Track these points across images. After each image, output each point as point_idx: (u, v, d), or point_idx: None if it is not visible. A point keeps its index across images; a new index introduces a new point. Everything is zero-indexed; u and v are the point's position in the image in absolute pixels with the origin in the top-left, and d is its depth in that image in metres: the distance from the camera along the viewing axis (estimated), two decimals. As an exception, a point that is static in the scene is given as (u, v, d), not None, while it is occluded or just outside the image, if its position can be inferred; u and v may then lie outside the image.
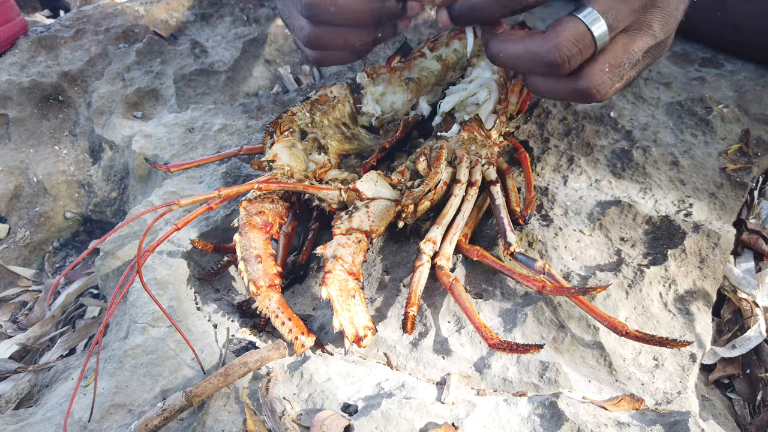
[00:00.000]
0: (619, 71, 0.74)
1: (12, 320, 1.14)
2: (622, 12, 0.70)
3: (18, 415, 0.80)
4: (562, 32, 0.70)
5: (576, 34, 0.69)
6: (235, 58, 1.39)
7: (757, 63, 1.22)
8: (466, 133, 0.89)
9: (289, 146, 0.90)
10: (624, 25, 0.72)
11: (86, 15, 1.51)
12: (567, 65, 0.71)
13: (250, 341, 0.82)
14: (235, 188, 0.79)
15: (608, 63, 0.73)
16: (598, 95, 0.75)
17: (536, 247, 0.87)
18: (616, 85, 0.75)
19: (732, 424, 0.79)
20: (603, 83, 0.74)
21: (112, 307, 0.71)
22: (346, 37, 0.82)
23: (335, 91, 1.01)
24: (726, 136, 1.04)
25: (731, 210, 0.93)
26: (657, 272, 0.81)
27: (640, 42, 0.73)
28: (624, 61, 0.73)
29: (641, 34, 0.73)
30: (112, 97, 1.32)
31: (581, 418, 0.66)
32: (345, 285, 0.75)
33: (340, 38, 0.82)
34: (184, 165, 1.01)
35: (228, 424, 0.69)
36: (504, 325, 0.79)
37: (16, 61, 1.38)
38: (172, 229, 0.76)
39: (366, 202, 0.81)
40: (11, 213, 1.26)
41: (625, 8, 0.70)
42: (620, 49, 0.73)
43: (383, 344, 0.80)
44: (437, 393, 0.73)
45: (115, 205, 1.28)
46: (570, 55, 0.70)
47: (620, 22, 0.70)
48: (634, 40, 0.73)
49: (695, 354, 0.75)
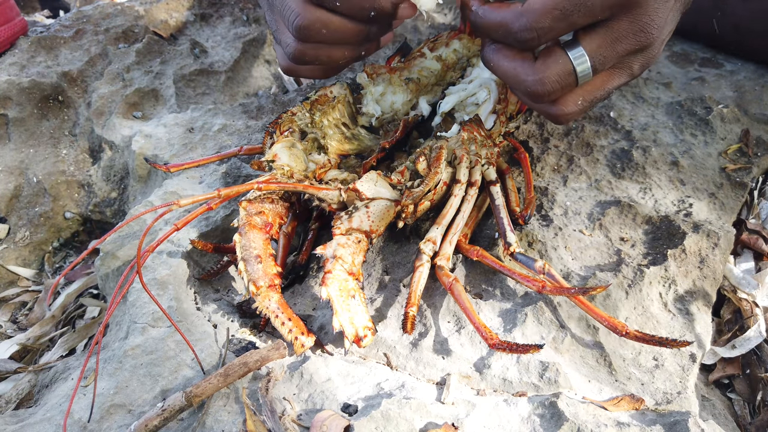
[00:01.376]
0: (590, 103, 0.78)
1: (12, 320, 1.14)
2: (609, 56, 0.73)
3: (18, 415, 0.80)
4: (550, 67, 0.74)
5: (562, 72, 0.73)
6: (235, 58, 1.39)
7: (757, 63, 1.22)
8: (466, 133, 0.89)
9: (289, 146, 0.90)
10: (608, 66, 0.75)
11: (86, 15, 1.51)
12: (548, 97, 0.76)
13: (250, 341, 0.82)
14: (235, 188, 0.79)
15: (582, 96, 0.77)
16: (564, 121, 0.80)
17: (536, 247, 0.87)
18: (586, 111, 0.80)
19: (732, 424, 0.79)
20: (573, 112, 0.78)
21: (112, 307, 0.71)
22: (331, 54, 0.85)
23: (335, 91, 1.01)
24: (726, 136, 1.04)
25: (731, 210, 0.93)
26: (657, 272, 0.81)
27: (617, 80, 0.77)
28: (597, 96, 0.78)
29: (620, 72, 0.77)
30: (112, 97, 1.32)
31: (581, 418, 0.66)
32: (345, 285, 0.75)
33: (325, 55, 0.84)
34: (183, 165, 1.01)
35: (228, 424, 0.69)
36: (504, 325, 0.79)
37: (16, 61, 1.38)
38: (172, 229, 0.76)
39: (366, 202, 0.81)
40: (11, 213, 1.26)
41: (613, 53, 0.73)
42: (597, 85, 0.77)
43: (383, 344, 0.80)
44: (437, 393, 0.73)
45: (115, 205, 1.28)
46: (552, 90, 0.75)
47: (605, 64, 0.74)
48: (612, 77, 0.77)
49: (695, 354, 0.75)
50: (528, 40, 0.73)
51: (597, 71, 0.74)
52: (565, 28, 0.72)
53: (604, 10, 0.71)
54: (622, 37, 0.73)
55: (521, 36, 0.73)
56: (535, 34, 0.72)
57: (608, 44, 0.73)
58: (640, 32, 0.73)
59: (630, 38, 0.73)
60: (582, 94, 0.77)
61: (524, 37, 0.73)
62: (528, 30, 0.72)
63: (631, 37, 0.73)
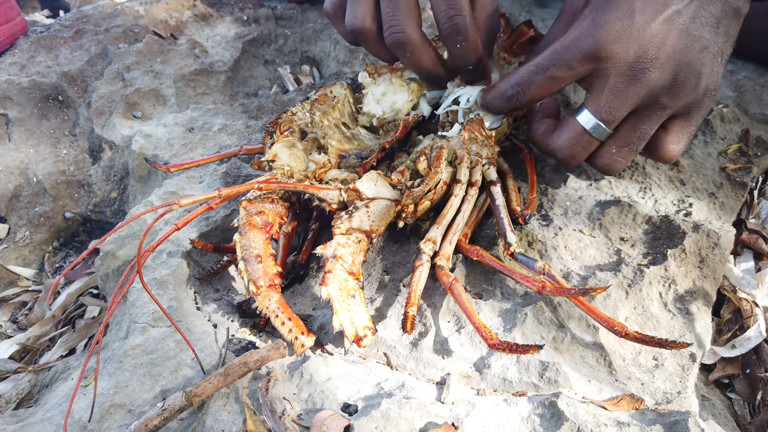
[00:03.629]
0: (628, 149, 0.81)
1: (12, 320, 1.14)
2: (617, 105, 0.76)
3: (18, 415, 0.80)
4: (563, 134, 0.81)
5: (574, 135, 0.80)
6: (235, 58, 1.39)
7: (756, 63, 1.22)
8: (467, 133, 0.89)
9: (289, 146, 0.90)
10: (625, 112, 0.77)
11: (86, 15, 1.51)
12: (573, 160, 0.82)
13: (250, 341, 0.82)
14: (235, 188, 0.79)
15: (615, 145, 0.81)
16: (611, 171, 0.85)
17: (536, 247, 0.87)
18: (630, 157, 0.83)
19: (732, 424, 0.79)
20: (613, 162, 0.83)
21: (112, 307, 0.71)
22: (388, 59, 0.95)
23: (335, 91, 1.01)
24: (726, 135, 1.04)
25: (731, 210, 0.93)
26: (657, 272, 0.81)
27: (648, 120, 0.79)
28: (632, 140, 0.80)
29: (649, 110, 0.78)
30: (111, 97, 1.32)
31: (581, 418, 0.66)
32: (345, 285, 0.75)
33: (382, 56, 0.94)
34: (183, 165, 1.01)
35: (228, 424, 0.69)
36: (504, 325, 0.79)
37: (16, 61, 1.38)
38: (172, 229, 0.76)
39: (366, 202, 0.81)
40: (11, 213, 1.26)
41: (619, 101, 0.76)
42: (628, 130, 0.80)
43: (383, 344, 0.80)
44: (437, 393, 0.73)
45: (115, 205, 1.28)
46: (573, 153, 0.81)
47: (617, 113, 0.77)
48: (641, 119, 0.79)
49: (695, 354, 0.75)
50: (513, 96, 0.81)
51: (612, 122, 0.78)
52: (547, 83, 0.78)
53: (581, 63, 0.75)
54: (616, 83, 0.75)
55: (508, 94, 0.82)
56: (518, 89, 0.80)
57: (608, 96, 0.76)
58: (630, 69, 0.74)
59: (624, 79, 0.75)
60: (613, 143, 0.81)
61: (510, 94, 0.82)
62: (512, 87, 0.81)
63: (624, 78, 0.75)
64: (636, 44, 0.73)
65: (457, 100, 0.96)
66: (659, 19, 0.73)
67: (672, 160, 0.85)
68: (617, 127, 0.80)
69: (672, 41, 0.74)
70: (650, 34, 0.73)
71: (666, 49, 0.74)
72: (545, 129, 0.85)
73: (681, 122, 0.82)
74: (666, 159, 0.85)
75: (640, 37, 0.73)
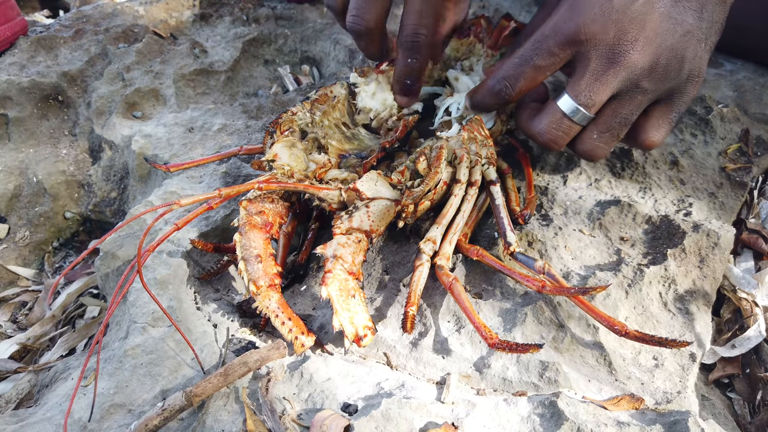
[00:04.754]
0: (609, 134, 0.81)
1: (12, 320, 1.14)
2: (597, 88, 0.76)
3: (18, 415, 0.80)
4: (544, 119, 0.81)
5: (555, 120, 0.80)
6: (234, 58, 1.39)
7: (756, 63, 1.22)
8: (467, 133, 0.89)
9: (289, 146, 0.90)
10: (605, 96, 0.77)
11: (86, 15, 1.51)
12: (555, 145, 0.82)
13: (250, 341, 0.82)
14: (235, 188, 0.79)
15: (597, 131, 0.80)
16: (593, 157, 0.84)
17: (536, 246, 0.87)
18: (612, 142, 0.82)
19: (732, 424, 0.79)
20: (595, 148, 0.82)
21: (112, 307, 0.71)
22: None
23: (335, 90, 1.01)
24: (726, 135, 1.04)
25: (731, 209, 0.93)
26: (657, 272, 0.81)
27: (629, 105, 0.78)
28: (613, 125, 0.80)
29: (630, 95, 0.78)
30: (111, 97, 1.32)
31: (581, 418, 0.66)
32: (345, 285, 0.75)
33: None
34: (183, 165, 1.01)
35: (228, 424, 0.69)
36: (504, 325, 0.79)
37: (16, 61, 1.38)
38: (172, 229, 0.76)
39: (366, 201, 0.81)
40: (11, 213, 1.26)
41: (599, 84, 0.76)
42: (609, 115, 0.79)
43: (383, 344, 0.80)
44: (437, 393, 0.73)
45: (115, 205, 1.28)
46: (554, 138, 0.81)
47: (598, 97, 0.76)
48: (622, 104, 0.79)
49: (695, 353, 0.75)
50: (501, 91, 0.82)
51: (593, 107, 0.77)
52: (532, 72, 0.78)
53: (562, 48, 0.76)
54: (597, 66, 0.75)
55: (496, 89, 0.82)
56: (505, 83, 0.81)
57: (588, 79, 0.76)
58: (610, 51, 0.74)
59: (604, 62, 0.75)
60: (594, 128, 0.80)
61: (498, 89, 0.82)
62: (499, 81, 0.81)
63: (605, 60, 0.75)
64: (615, 26, 0.73)
65: (448, 110, 0.97)
66: (639, 1, 0.73)
67: (652, 147, 0.84)
68: (599, 112, 0.79)
69: (653, 24, 0.73)
70: (630, 16, 0.73)
71: (647, 31, 0.73)
72: (528, 113, 0.85)
73: (663, 108, 0.81)
74: (646, 146, 0.84)
75: (620, 19, 0.73)
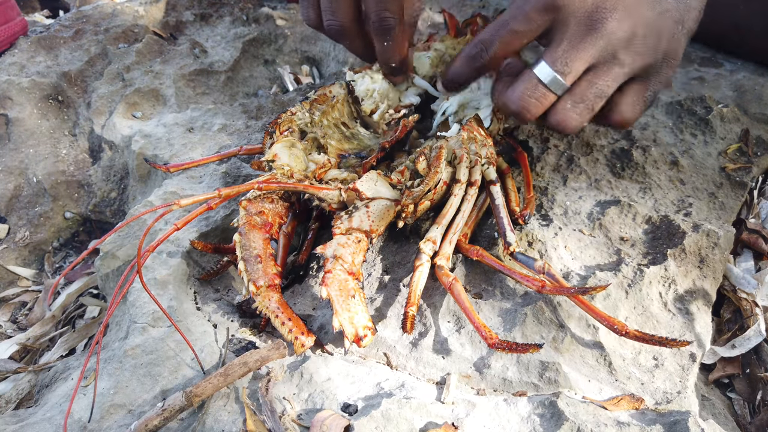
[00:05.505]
0: (584, 105, 0.79)
1: (12, 320, 1.14)
2: (573, 56, 0.76)
3: (18, 415, 0.80)
4: (519, 86, 0.79)
5: (530, 87, 0.78)
6: (234, 58, 1.39)
7: (756, 63, 1.22)
8: (466, 133, 0.89)
9: (289, 146, 0.90)
10: (582, 65, 0.77)
11: (86, 15, 1.51)
12: (528, 113, 0.80)
13: (250, 341, 0.82)
14: (235, 188, 0.79)
15: (571, 100, 0.79)
16: (566, 127, 0.81)
17: (536, 246, 0.87)
18: (586, 114, 0.81)
19: (732, 424, 0.79)
20: (568, 118, 0.80)
21: (112, 307, 0.71)
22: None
23: (334, 90, 1.01)
24: (725, 135, 1.04)
25: (731, 209, 0.93)
26: (657, 272, 0.81)
27: (605, 76, 0.78)
28: (588, 96, 0.79)
29: (607, 66, 0.78)
30: (111, 97, 1.32)
31: (581, 418, 0.66)
32: (345, 285, 0.75)
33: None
34: (183, 165, 1.01)
35: (228, 424, 0.69)
36: (504, 325, 0.79)
37: (16, 61, 1.38)
38: (171, 229, 0.76)
39: (366, 201, 0.81)
40: (11, 213, 1.26)
41: (575, 52, 0.76)
42: (585, 86, 0.79)
43: (383, 344, 0.80)
44: (437, 393, 0.73)
45: (115, 205, 1.28)
46: (527, 105, 0.79)
47: (574, 65, 0.76)
48: (598, 75, 0.78)
49: (695, 354, 0.75)
50: (477, 54, 0.82)
51: (569, 74, 0.77)
52: (508, 37, 0.79)
53: (539, 13, 0.76)
54: (574, 33, 0.76)
55: (472, 53, 0.83)
56: (481, 46, 0.81)
57: (566, 47, 0.76)
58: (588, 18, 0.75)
59: (582, 29, 0.75)
60: (570, 99, 0.79)
61: (474, 53, 0.83)
62: (475, 45, 0.82)
63: (582, 27, 0.75)
64: None
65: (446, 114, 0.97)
66: None
67: (626, 124, 0.83)
68: (575, 82, 0.79)
69: None
70: None
71: (626, 2, 0.75)
72: (503, 85, 0.84)
73: (638, 86, 0.81)
74: (619, 123, 0.83)
75: None
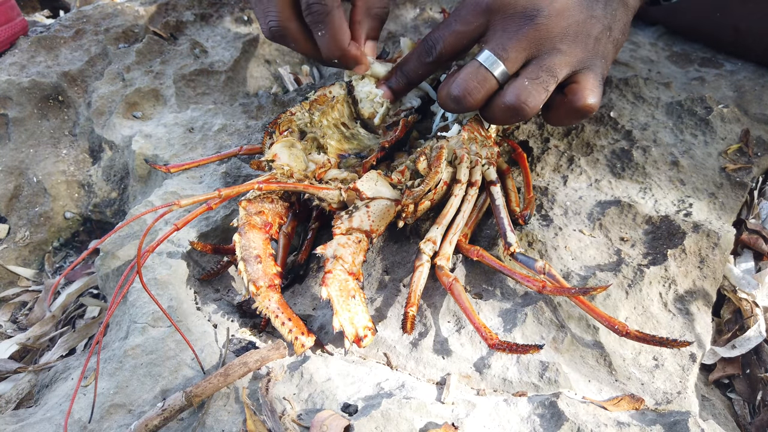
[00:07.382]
0: (538, 81, 0.81)
1: (12, 320, 1.14)
2: (509, 42, 0.81)
3: (18, 415, 0.80)
4: (461, 72, 0.83)
5: (471, 71, 0.82)
6: (235, 58, 1.39)
7: (756, 63, 1.22)
8: (467, 133, 0.89)
9: (289, 146, 0.90)
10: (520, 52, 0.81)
11: (86, 15, 1.51)
12: (470, 96, 0.82)
13: (250, 341, 0.82)
14: (235, 188, 0.79)
15: (527, 77, 0.81)
16: (521, 104, 0.81)
17: (536, 247, 0.87)
18: (541, 91, 0.83)
19: (732, 424, 0.79)
20: (523, 90, 0.81)
21: (112, 307, 0.71)
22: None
23: (334, 91, 1.01)
24: (726, 135, 1.04)
25: (731, 210, 0.93)
26: (657, 272, 0.81)
27: (551, 59, 0.82)
28: (540, 74, 0.81)
29: (550, 54, 0.82)
30: (112, 97, 1.32)
31: (581, 418, 0.66)
32: (345, 285, 0.75)
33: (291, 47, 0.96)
34: (183, 165, 1.01)
35: (228, 424, 0.69)
36: (504, 325, 0.79)
37: (16, 61, 1.38)
38: (171, 230, 0.76)
39: (366, 201, 0.81)
40: (11, 213, 1.26)
41: (511, 38, 0.81)
42: (534, 65, 0.82)
43: (383, 344, 0.80)
44: (437, 393, 0.73)
45: (115, 205, 1.28)
46: (469, 87, 0.82)
47: (512, 51, 0.81)
48: (544, 58, 0.82)
49: (695, 354, 0.75)
50: (428, 50, 0.88)
51: (507, 59, 0.81)
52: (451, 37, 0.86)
53: (477, 15, 0.84)
54: (509, 27, 0.81)
55: (421, 49, 0.89)
56: (431, 43, 0.88)
57: (501, 35, 0.81)
58: (522, 15, 0.81)
59: (517, 23, 0.81)
60: (525, 76, 0.82)
61: (423, 49, 0.89)
62: (425, 42, 0.89)
63: (518, 21, 0.81)
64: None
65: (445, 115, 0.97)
66: None
67: (592, 109, 0.84)
68: (525, 66, 0.82)
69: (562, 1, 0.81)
70: None
71: (556, 4, 0.80)
72: (447, 77, 0.88)
73: (588, 73, 0.84)
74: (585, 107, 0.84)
75: None
